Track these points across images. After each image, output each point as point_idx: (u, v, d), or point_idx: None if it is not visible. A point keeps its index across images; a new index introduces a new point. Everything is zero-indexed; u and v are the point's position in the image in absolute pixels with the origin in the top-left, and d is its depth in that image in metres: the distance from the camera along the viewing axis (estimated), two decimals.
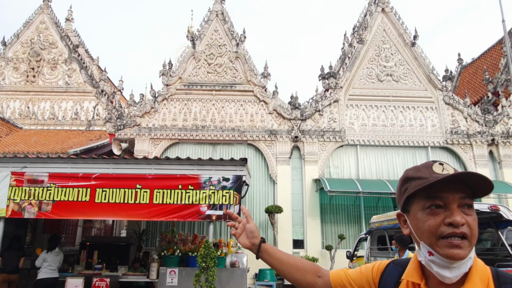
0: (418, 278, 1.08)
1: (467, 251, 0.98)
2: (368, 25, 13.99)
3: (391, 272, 1.20)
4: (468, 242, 0.98)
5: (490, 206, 5.66)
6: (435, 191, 1.01)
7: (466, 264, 0.99)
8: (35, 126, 15.96)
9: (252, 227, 1.39)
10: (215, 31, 13.72)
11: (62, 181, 6.36)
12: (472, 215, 1.00)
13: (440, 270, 1.00)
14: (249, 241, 1.38)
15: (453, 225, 0.98)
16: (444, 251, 0.98)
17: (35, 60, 16.61)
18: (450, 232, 0.98)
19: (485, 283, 0.99)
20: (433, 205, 1.02)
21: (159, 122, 12.71)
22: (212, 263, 5.89)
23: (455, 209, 1.00)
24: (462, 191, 1.01)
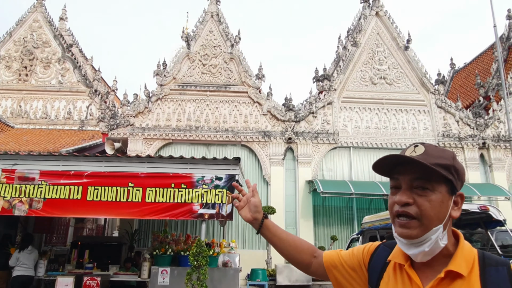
0: (403, 259, 1.10)
1: (416, 231, 1.01)
2: (362, 29, 14.10)
3: (380, 253, 1.22)
4: (418, 223, 1.01)
5: (479, 206, 5.73)
6: (394, 173, 1.09)
7: (424, 245, 1.01)
8: (27, 125, 15.82)
9: (256, 201, 1.38)
10: (210, 32, 13.74)
11: (53, 178, 6.30)
12: (426, 196, 1.02)
13: (402, 247, 1.07)
14: (251, 215, 1.37)
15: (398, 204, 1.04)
16: (396, 229, 1.06)
17: (28, 58, 16.48)
18: (397, 210, 1.04)
19: (469, 264, 1.00)
20: (394, 186, 1.09)
21: (153, 122, 12.67)
22: (204, 262, 5.87)
23: (403, 189, 1.05)
24: (412, 173, 1.04)
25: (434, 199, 1.01)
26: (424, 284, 1.02)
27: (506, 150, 12.96)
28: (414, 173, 1.04)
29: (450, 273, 0.99)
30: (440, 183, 1.03)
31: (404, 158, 1.04)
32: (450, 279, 0.99)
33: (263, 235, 1.39)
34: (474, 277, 0.98)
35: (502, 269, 0.98)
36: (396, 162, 1.08)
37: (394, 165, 1.08)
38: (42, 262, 7.34)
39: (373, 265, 1.21)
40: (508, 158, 12.79)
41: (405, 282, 1.07)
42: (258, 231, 1.39)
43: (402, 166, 1.06)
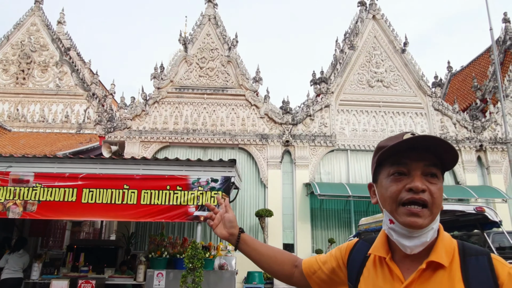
0: (384, 252, 1.08)
1: (427, 220, 0.97)
2: (359, 32, 14.14)
3: (359, 249, 1.20)
4: (428, 211, 0.98)
5: (475, 207, 5.71)
6: (400, 158, 1.02)
7: (427, 235, 0.98)
8: (24, 129, 15.78)
9: (230, 216, 1.34)
10: (207, 35, 13.76)
11: (48, 181, 6.27)
12: (436, 184, 1.00)
13: (399, 239, 1.01)
14: (227, 231, 1.33)
15: (413, 190, 0.98)
16: (403, 219, 0.98)
17: (25, 62, 16.48)
18: (410, 197, 0.98)
19: (450, 254, 0.99)
20: (397, 172, 1.02)
21: (150, 125, 12.66)
22: (199, 264, 5.83)
23: (417, 175, 1.00)
24: (426, 159, 1.01)
25: (440, 188, 1.01)
26: (405, 277, 1.01)
27: (503, 153, 12.96)
28: (428, 160, 1.01)
29: (432, 264, 0.98)
30: (440, 171, 1.03)
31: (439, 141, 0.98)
32: (431, 269, 0.98)
33: (242, 250, 1.34)
34: (455, 267, 0.97)
35: (482, 258, 0.97)
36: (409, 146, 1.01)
37: (400, 150, 1.02)
38: (37, 265, 7.29)
39: (352, 262, 1.19)
40: (505, 160, 12.79)
41: (385, 275, 1.05)
42: (236, 247, 1.35)
43: (411, 151, 1.01)
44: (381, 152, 1.04)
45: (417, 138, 0.99)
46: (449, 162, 1.02)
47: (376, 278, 1.07)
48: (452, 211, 6.18)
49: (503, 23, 16.06)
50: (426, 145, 1.00)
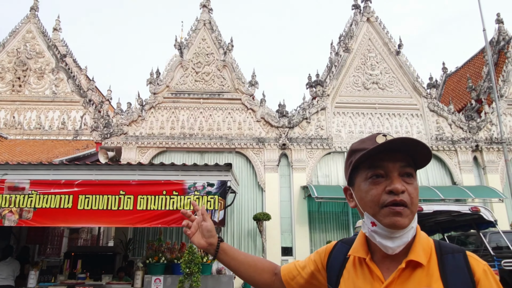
0: (363, 253, 1.09)
1: (407, 219, 0.99)
2: (354, 35, 14.22)
3: (339, 250, 1.22)
4: (408, 210, 1.00)
5: (471, 208, 5.73)
6: (376, 160, 1.03)
7: (408, 234, 1.01)
8: (20, 136, 15.75)
9: (209, 225, 1.29)
10: (202, 40, 13.81)
11: (44, 188, 6.27)
12: (412, 184, 1.02)
13: (382, 241, 1.02)
14: (205, 241, 1.28)
15: (394, 192, 0.99)
16: (386, 220, 0.99)
17: (21, 69, 16.47)
18: (391, 200, 0.99)
19: (427, 253, 1.02)
20: (375, 175, 1.03)
21: (146, 130, 12.66)
22: (196, 269, 5.83)
23: (395, 177, 1.01)
24: (402, 160, 1.03)
25: (416, 187, 1.03)
26: (385, 276, 1.02)
27: (499, 152, 13.02)
28: (403, 160, 1.02)
29: (411, 263, 1.00)
30: (414, 171, 1.05)
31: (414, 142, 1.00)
32: (411, 268, 1.00)
33: (221, 260, 1.31)
34: (433, 265, 0.99)
35: (458, 256, 1.00)
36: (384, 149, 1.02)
37: (376, 153, 1.03)
38: (34, 273, 7.25)
39: (331, 264, 1.20)
40: (501, 160, 12.85)
41: (366, 276, 1.07)
42: (214, 256, 1.31)
43: (387, 154, 1.02)
44: (359, 156, 1.04)
45: (394, 141, 1.01)
46: (422, 162, 1.05)
47: (357, 279, 1.08)
48: (448, 212, 6.20)
49: (496, 23, 16.18)
50: (402, 147, 1.02)
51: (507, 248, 7.09)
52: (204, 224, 1.30)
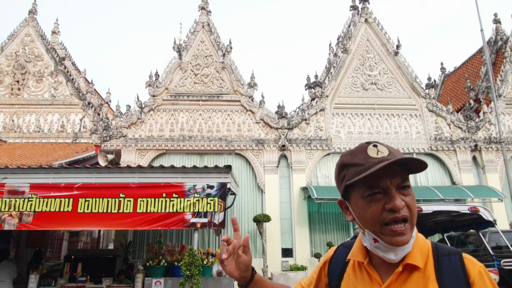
0: (362, 257, 1.11)
1: (409, 234, 1.00)
2: (352, 35, 14.25)
3: (339, 255, 1.24)
4: (409, 225, 1.00)
5: (470, 207, 5.75)
6: (373, 179, 1.01)
7: (410, 244, 1.02)
8: (20, 140, 15.75)
9: (247, 261, 1.16)
10: (201, 42, 13.83)
11: (43, 191, 6.28)
12: (410, 195, 1.02)
13: (385, 254, 1.03)
14: (239, 274, 1.17)
15: (394, 210, 0.99)
16: (388, 239, 1.00)
17: (20, 73, 16.48)
18: (392, 217, 0.99)
19: (424, 255, 1.03)
20: (373, 193, 1.02)
21: (146, 133, 12.67)
22: (197, 271, 5.84)
23: (393, 194, 1.00)
24: (398, 174, 1.02)
25: (413, 196, 1.03)
26: (383, 280, 1.04)
27: (498, 152, 13.05)
28: (400, 174, 1.02)
29: (408, 266, 1.02)
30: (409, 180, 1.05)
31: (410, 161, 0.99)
32: (408, 271, 1.02)
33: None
34: (429, 268, 1.01)
35: (454, 258, 1.02)
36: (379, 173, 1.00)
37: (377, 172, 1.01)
38: (34, 277, 7.25)
39: (332, 268, 1.22)
40: (500, 159, 12.87)
41: (365, 279, 1.09)
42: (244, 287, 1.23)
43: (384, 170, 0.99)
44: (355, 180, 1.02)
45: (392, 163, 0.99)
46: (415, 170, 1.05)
47: (356, 282, 1.10)
48: (448, 212, 6.22)
49: (494, 23, 16.23)
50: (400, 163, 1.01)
51: (506, 248, 7.11)
52: (243, 258, 1.15)
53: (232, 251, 1.15)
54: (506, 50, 14.62)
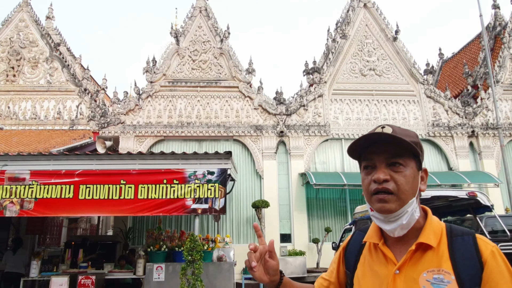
0: (376, 239, 1.16)
1: (394, 204, 1.06)
2: (350, 21, 14.13)
3: (356, 239, 1.29)
4: (395, 197, 1.06)
5: (468, 192, 5.83)
6: (367, 153, 1.13)
7: (402, 218, 1.07)
8: (16, 127, 15.64)
9: (275, 265, 1.19)
10: (199, 28, 13.67)
11: (44, 178, 6.28)
12: (401, 172, 1.08)
13: (380, 224, 1.11)
14: (268, 278, 1.19)
15: (376, 181, 1.08)
16: (375, 206, 1.09)
17: (15, 59, 16.26)
18: (375, 188, 1.08)
19: (438, 235, 1.08)
20: (368, 166, 1.13)
21: (144, 119, 12.62)
22: (198, 256, 5.91)
23: (380, 167, 1.09)
24: (388, 152, 1.10)
25: (408, 174, 1.08)
26: (398, 259, 1.09)
27: (494, 138, 13.13)
28: (389, 151, 1.09)
29: (421, 245, 1.06)
30: (410, 159, 1.10)
31: (387, 136, 1.08)
32: (421, 251, 1.06)
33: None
34: (443, 247, 1.05)
35: (467, 238, 1.06)
36: (370, 142, 1.12)
37: (367, 146, 1.13)
38: (35, 263, 7.31)
39: (349, 251, 1.27)
40: (497, 145, 12.96)
41: (380, 259, 1.13)
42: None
43: (375, 146, 1.11)
44: (347, 149, 1.16)
45: (367, 136, 1.10)
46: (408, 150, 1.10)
47: (372, 263, 1.15)
48: (445, 197, 6.30)
49: (492, 9, 16.13)
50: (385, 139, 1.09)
51: (502, 232, 7.23)
52: (270, 263, 1.18)
53: (260, 257, 1.18)
54: (505, 36, 14.57)
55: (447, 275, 0.99)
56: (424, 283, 1.00)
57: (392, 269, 1.07)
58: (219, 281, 6.99)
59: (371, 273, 1.13)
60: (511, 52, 14.29)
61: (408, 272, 1.04)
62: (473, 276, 0.98)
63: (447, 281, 0.99)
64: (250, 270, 1.15)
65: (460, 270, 0.99)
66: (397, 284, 1.04)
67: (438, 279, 1.00)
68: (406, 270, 1.05)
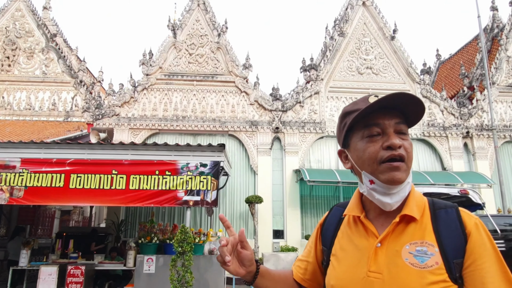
0: (358, 211, 1.13)
1: (405, 174, 1.02)
2: (349, 18, 14.11)
3: (334, 214, 1.25)
4: (405, 165, 1.02)
5: (460, 190, 5.84)
6: (371, 119, 1.05)
7: (405, 189, 1.04)
8: (10, 117, 15.51)
9: (249, 254, 1.12)
10: (196, 21, 13.60)
11: (35, 166, 6.22)
12: (407, 140, 1.05)
13: (381, 197, 1.04)
14: (245, 270, 1.12)
15: (391, 148, 1.02)
16: (385, 176, 1.02)
17: (10, 48, 16.11)
18: (389, 155, 1.02)
19: (421, 208, 1.05)
20: (371, 133, 1.05)
21: (139, 112, 12.55)
22: (189, 248, 5.87)
23: (391, 133, 1.04)
24: (396, 117, 1.05)
25: (410, 143, 1.06)
26: (379, 232, 1.06)
27: (489, 139, 13.18)
28: (397, 118, 1.05)
29: (404, 217, 1.04)
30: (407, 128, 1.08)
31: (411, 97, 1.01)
32: (404, 223, 1.03)
33: (258, 285, 1.18)
34: (426, 220, 1.03)
35: (451, 210, 1.04)
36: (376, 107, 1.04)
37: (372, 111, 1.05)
38: (25, 252, 7.26)
39: (326, 227, 1.23)
40: (491, 147, 13.01)
41: (361, 233, 1.10)
42: (251, 283, 1.17)
43: (382, 112, 1.05)
44: (354, 116, 1.05)
45: (387, 98, 1.02)
46: (414, 118, 1.07)
47: (352, 236, 1.12)
48: (438, 194, 6.31)
49: (491, 11, 16.17)
50: (396, 103, 1.04)
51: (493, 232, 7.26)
52: (244, 253, 1.11)
53: (232, 249, 1.10)
54: (502, 38, 14.61)
55: (431, 247, 0.97)
56: (407, 255, 0.98)
57: (374, 242, 1.04)
58: (209, 274, 6.97)
59: (351, 246, 1.10)
60: (508, 54, 14.33)
61: (390, 245, 1.02)
62: (457, 248, 0.97)
63: (431, 253, 0.97)
64: (224, 266, 1.06)
65: (444, 242, 0.98)
66: (379, 257, 1.02)
67: (421, 251, 0.98)
68: (388, 243, 1.02)
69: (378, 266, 1.01)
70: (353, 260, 1.07)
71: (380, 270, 1.00)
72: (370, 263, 1.02)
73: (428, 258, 0.96)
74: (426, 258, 0.96)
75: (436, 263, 0.95)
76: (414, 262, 0.97)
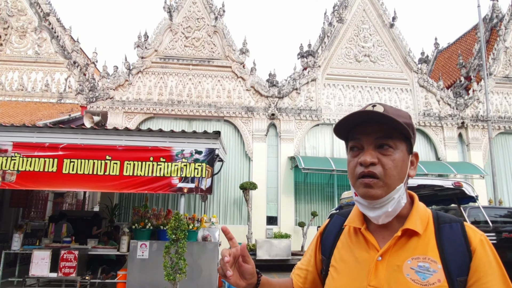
0: (359, 223, 1.09)
1: (380, 190, 0.99)
2: (348, 4, 13.90)
3: (334, 223, 1.22)
4: (381, 182, 0.99)
5: (454, 182, 5.85)
6: (354, 133, 1.04)
7: (388, 205, 1.00)
8: (2, 97, 15.26)
9: (250, 268, 1.09)
10: (193, 3, 13.32)
11: (27, 150, 6.14)
12: (390, 155, 1.00)
13: (364, 210, 1.04)
14: (246, 282, 1.10)
15: (363, 164, 1.00)
16: (359, 191, 1.01)
17: (2, 27, 15.72)
18: (361, 171, 1.00)
19: (424, 222, 1.02)
20: (354, 147, 1.04)
21: (134, 95, 12.39)
22: (182, 235, 5.87)
23: (367, 149, 1.01)
24: (377, 132, 1.01)
25: (397, 158, 1.00)
26: (380, 245, 1.03)
27: (483, 130, 13.23)
28: (378, 132, 1.01)
29: (407, 231, 1.00)
30: (401, 141, 1.02)
31: (377, 115, 0.98)
32: (406, 237, 1.00)
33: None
34: (429, 234, 1.00)
35: (455, 225, 1.01)
36: (358, 121, 1.03)
37: (354, 125, 1.04)
38: (18, 236, 7.23)
39: (326, 236, 1.20)
40: (485, 138, 13.07)
41: (361, 245, 1.07)
42: None
43: (363, 126, 1.02)
44: (334, 127, 1.07)
45: (355, 115, 1.00)
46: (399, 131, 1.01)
47: (353, 247, 1.09)
48: (431, 186, 6.33)
49: (491, 0, 16.00)
50: (374, 117, 1.00)
51: (485, 223, 7.34)
52: (245, 267, 1.08)
53: (233, 262, 1.06)
54: (501, 28, 14.51)
55: (433, 264, 0.94)
56: (408, 271, 0.95)
57: (374, 255, 1.01)
58: (203, 261, 7.01)
59: (351, 258, 1.07)
60: (506, 45, 14.26)
61: (391, 259, 0.99)
62: (461, 265, 0.94)
63: (433, 270, 0.94)
64: (225, 278, 1.03)
65: (448, 258, 0.95)
66: (379, 271, 0.99)
67: (423, 268, 0.95)
68: (389, 257, 0.99)
69: (378, 280, 0.98)
70: (353, 273, 1.04)
71: (380, 285, 0.97)
72: (370, 277, 0.99)
73: (431, 275, 0.93)
74: (428, 275, 0.93)
75: (438, 281, 0.92)
76: (416, 279, 0.94)
